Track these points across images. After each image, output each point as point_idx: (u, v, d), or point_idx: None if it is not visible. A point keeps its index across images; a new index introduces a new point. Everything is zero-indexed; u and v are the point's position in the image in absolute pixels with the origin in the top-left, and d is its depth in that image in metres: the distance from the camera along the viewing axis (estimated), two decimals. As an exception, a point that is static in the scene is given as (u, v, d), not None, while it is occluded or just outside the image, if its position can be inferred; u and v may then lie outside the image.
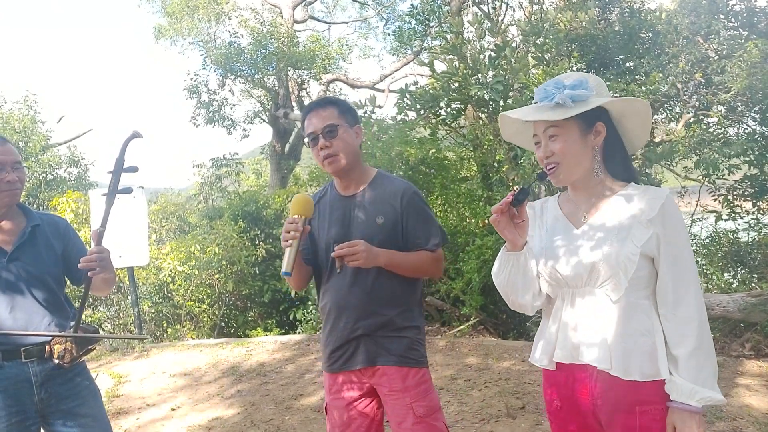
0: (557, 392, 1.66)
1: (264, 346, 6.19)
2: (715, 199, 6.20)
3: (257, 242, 8.31)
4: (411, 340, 2.06)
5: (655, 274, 1.54)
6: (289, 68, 13.56)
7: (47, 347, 2.08)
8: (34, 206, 10.66)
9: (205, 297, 8.07)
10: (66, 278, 2.28)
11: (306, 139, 2.11)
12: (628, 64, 6.23)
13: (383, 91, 15.47)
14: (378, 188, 2.09)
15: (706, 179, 5.85)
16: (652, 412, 1.49)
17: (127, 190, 2.12)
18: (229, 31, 14.53)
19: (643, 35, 6.21)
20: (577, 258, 1.58)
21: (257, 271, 8.18)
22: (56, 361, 2.08)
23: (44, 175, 11.75)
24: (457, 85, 6.23)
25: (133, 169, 2.10)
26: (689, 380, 1.45)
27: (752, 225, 6.26)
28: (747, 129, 6.03)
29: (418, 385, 2.03)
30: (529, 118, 1.61)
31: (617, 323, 1.53)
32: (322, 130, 2.03)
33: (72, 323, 2.13)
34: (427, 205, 2.14)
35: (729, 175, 5.84)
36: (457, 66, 6.28)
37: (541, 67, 6.03)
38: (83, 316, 2.19)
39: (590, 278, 1.56)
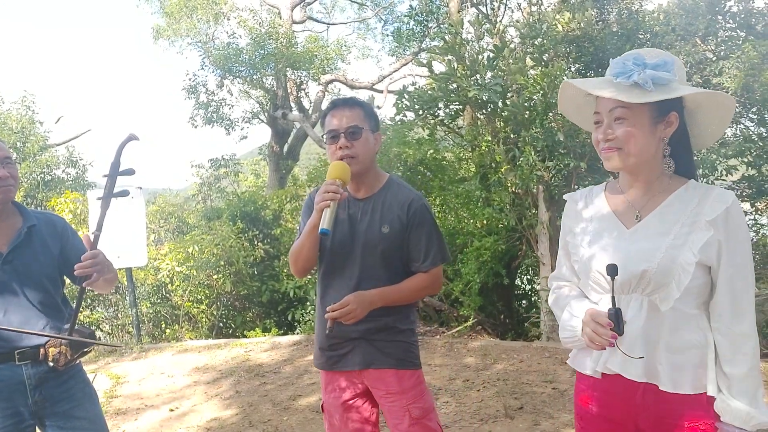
0: (596, 399, 1.54)
1: (262, 347, 6.19)
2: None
3: (255, 243, 8.31)
4: (407, 344, 2.07)
5: (710, 283, 1.43)
6: (287, 69, 13.57)
7: (41, 350, 2.06)
8: (32, 207, 10.63)
9: (203, 297, 8.07)
10: (65, 277, 2.25)
11: (324, 135, 2.08)
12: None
13: (382, 91, 15.48)
14: (388, 196, 2.07)
15: (704, 180, 5.87)
16: (701, 428, 1.41)
17: (124, 193, 2.09)
18: (227, 32, 14.56)
19: (640, 36, 6.22)
20: (625, 262, 1.42)
21: (255, 272, 8.18)
22: (50, 363, 2.05)
23: (42, 175, 11.74)
24: (455, 86, 6.24)
25: (130, 172, 2.07)
26: (745, 403, 1.35)
27: (750, 226, 6.28)
28: (744, 130, 6.05)
29: (414, 386, 2.04)
30: (599, 92, 1.42)
31: (666, 334, 1.42)
32: (346, 129, 2.00)
33: (67, 326, 2.10)
34: (434, 218, 2.11)
35: (727, 176, 5.86)
36: (456, 67, 6.29)
37: (540, 68, 6.04)
38: (80, 317, 2.17)
39: (639, 285, 1.43)
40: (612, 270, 1.38)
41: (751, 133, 5.84)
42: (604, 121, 1.45)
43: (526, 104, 5.80)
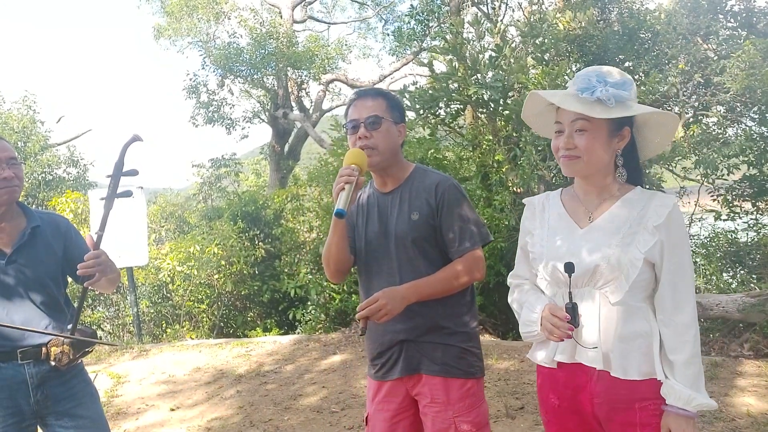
0: (556, 391, 1.66)
1: (263, 347, 6.19)
2: (714, 199, 6.21)
3: (256, 242, 8.31)
4: (460, 349, 1.92)
5: (654, 279, 1.56)
6: (288, 68, 13.58)
7: (44, 349, 2.06)
8: (33, 206, 10.65)
9: (204, 297, 8.07)
10: (68, 277, 2.25)
11: (346, 126, 2.02)
12: (627, 65, 6.23)
13: (382, 91, 15.44)
14: (415, 184, 1.99)
15: (706, 179, 5.86)
16: (650, 408, 1.53)
17: (127, 194, 2.09)
18: (228, 31, 14.57)
19: (642, 35, 6.22)
20: (579, 258, 1.57)
21: (256, 271, 8.18)
22: (52, 363, 2.06)
23: (43, 175, 11.75)
24: (456, 85, 6.23)
25: (133, 173, 2.07)
26: (687, 386, 1.48)
27: (751, 225, 6.27)
28: (746, 129, 6.04)
29: (464, 398, 1.88)
30: (568, 106, 1.54)
31: (615, 325, 1.55)
32: (365, 119, 1.93)
33: (69, 326, 2.11)
34: (466, 197, 1.98)
35: (728, 175, 5.85)
36: (457, 66, 6.28)
37: (541, 67, 6.03)
38: (82, 317, 2.17)
39: (591, 280, 1.56)
40: (569, 267, 1.54)
41: (752, 132, 5.82)
42: (566, 131, 1.57)
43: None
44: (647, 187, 1.67)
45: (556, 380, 1.66)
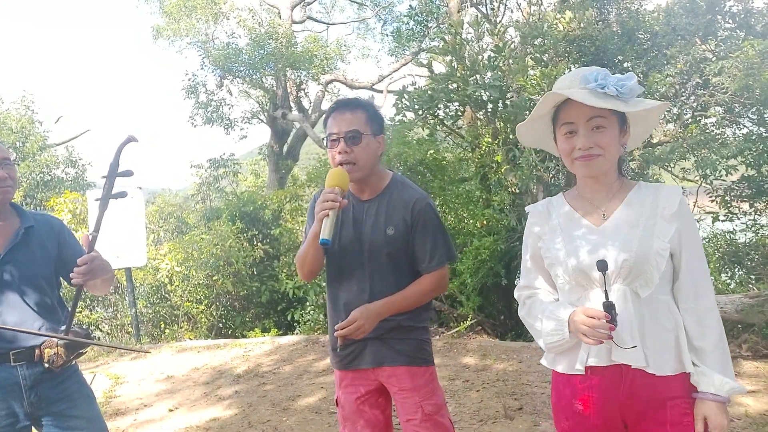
0: (583, 397, 1.58)
1: (261, 347, 6.19)
2: (712, 200, 6.21)
3: (255, 243, 8.30)
4: (419, 341, 2.08)
5: (673, 269, 1.55)
6: (287, 69, 13.58)
7: (37, 351, 2.05)
8: (32, 207, 10.64)
9: (202, 298, 8.06)
10: (62, 279, 2.25)
11: (325, 138, 2.06)
12: (625, 65, 6.23)
13: (381, 91, 15.47)
14: (393, 196, 2.06)
15: (704, 180, 5.86)
16: (681, 406, 1.50)
17: (122, 195, 2.07)
18: (227, 32, 14.57)
19: (640, 36, 6.22)
20: (605, 255, 1.52)
21: (255, 272, 8.17)
22: (46, 364, 2.05)
23: (42, 175, 11.75)
24: (455, 86, 6.23)
25: (128, 174, 2.06)
26: (718, 371, 1.46)
27: (749, 226, 6.27)
28: (744, 130, 6.04)
29: (427, 383, 2.06)
30: (595, 104, 1.48)
31: (647, 321, 1.52)
32: (345, 134, 1.97)
33: (63, 327, 2.10)
34: (438, 218, 2.10)
35: (726, 176, 5.85)
36: (456, 67, 6.28)
37: (540, 68, 6.03)
38: (77, 318, 2.16)
39: (620, 275, 1.52)
40: (602, 265, 1.45)
41: (751, 133, 5.83)
42: (580, 131, 1.53)
43: (526, 104, 5.79)
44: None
45: (583, 386, 1.58)
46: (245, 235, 8.27)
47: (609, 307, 1.44)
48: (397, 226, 2.01)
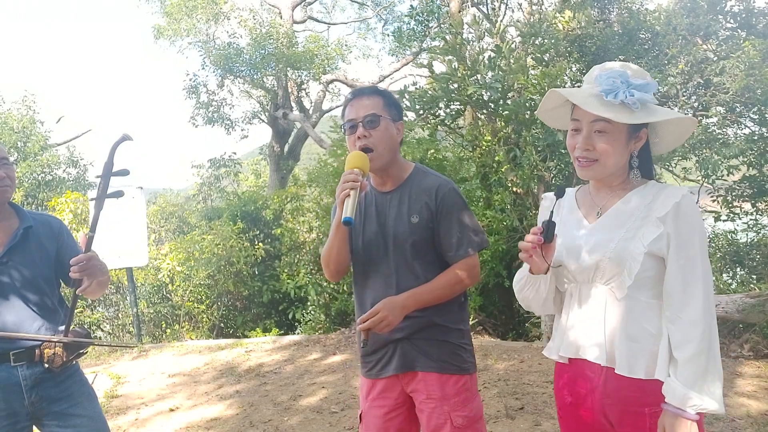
0: (568, 386, 1.63)
1: (263, 347, 6.19)
2: (714, 200, 6.21)
3: (256, 242, 8.31)
4: (453, 345, 1.94)
5: (664, 274, 1.52)
6: (288, 69, 13.57)
7: (37, 351, 2.05)
8: (33, 206, 10.65)
9: (203, 297, 8.07)
10: (60, 280, 2.24)
11: (343, 126, 1.98)
12: (626, 65, 6.23)
13: (382, 91, 15.43)
14: (414, 185, 1.97)
15: (706, 180, 5.86)
16: (658, 414, 1.47)
17: (118, 194, 2.06)
18: (227, 32, 14.55)
19: (642, 36, 6.22)
20: (584, 253, 1.55)
21: (256, 272, 8.18)
22: (45, 365, 2.05)
23: (43, 175, 11.75)
24: (456, 85, 6.23)
25: (124, 173, 2.05)
26: (686, 385, 1.40)
27: (751, 226, 6.28)
28: (746, 130, 6.04)
29: (459, 393, 1.90)
30: (591, 109, 1.49)
31: (622, 321, 1.51)
32: (363, 118, 1.91)
33: (62, 327, 2.10)
34: (465, 202, 1.98)
35: (728, 175, 5.85)
36: (456, 67, 6.28)
37: (540, 67, 6.03)
38: (77, 318, 2.15)
39: (596, 274, 1.54)
40: (560, 192, 1.58)
41: (752, 133, 5.83)
42: (584, 131, 1.54)
43: (527, 104, 5.79)
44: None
45: (568, 377, 1.63)
46: (246, 234, 8.28)
47: (546, 223, 1.50)
48: (420, 213, 1.92)
